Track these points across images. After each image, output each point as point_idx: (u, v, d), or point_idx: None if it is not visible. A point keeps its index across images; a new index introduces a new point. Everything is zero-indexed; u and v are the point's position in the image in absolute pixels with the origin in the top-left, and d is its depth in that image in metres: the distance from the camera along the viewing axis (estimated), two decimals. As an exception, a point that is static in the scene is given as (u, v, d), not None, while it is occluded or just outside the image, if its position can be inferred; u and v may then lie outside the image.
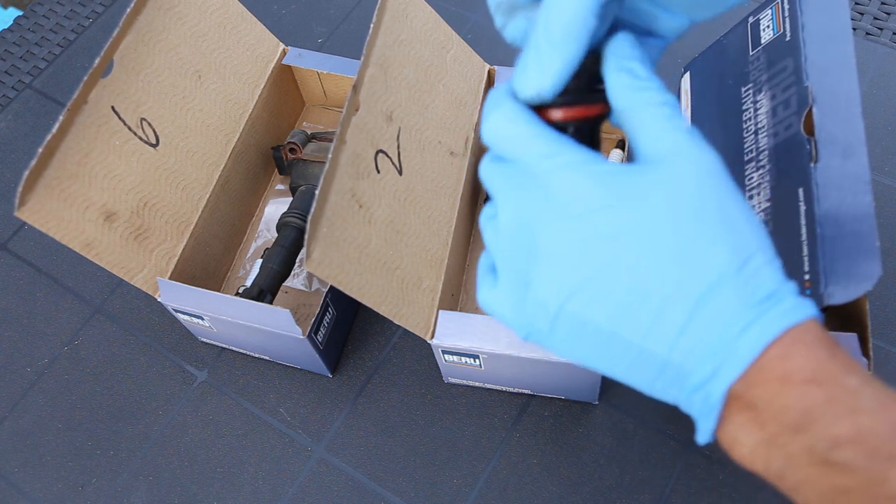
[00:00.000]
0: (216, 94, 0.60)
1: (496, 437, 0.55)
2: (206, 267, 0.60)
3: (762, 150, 0.49)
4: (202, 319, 0.55)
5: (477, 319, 0.50)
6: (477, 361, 0.52)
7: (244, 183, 0.64)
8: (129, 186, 0.53)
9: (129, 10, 0.53)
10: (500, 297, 0.31)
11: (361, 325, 0.61)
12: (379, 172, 0.50)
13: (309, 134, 0.66)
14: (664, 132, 0.28)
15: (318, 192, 0.44)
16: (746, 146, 0.50)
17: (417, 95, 0.55)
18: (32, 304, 0.65)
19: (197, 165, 0.58)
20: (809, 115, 0.46)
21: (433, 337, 0.50)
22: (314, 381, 0.59)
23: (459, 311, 0.57)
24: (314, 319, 0.53)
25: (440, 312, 0.51)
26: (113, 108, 0.53)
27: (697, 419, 0.28)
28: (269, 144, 0.67)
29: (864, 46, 0.71)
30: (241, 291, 0.57)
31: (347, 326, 0.61)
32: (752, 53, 0.53)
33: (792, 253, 0.43)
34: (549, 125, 0.29)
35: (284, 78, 0.67)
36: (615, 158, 0.62)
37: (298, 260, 0.61)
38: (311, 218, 0.43)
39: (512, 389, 0.56)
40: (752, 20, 0.55)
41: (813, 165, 0.44)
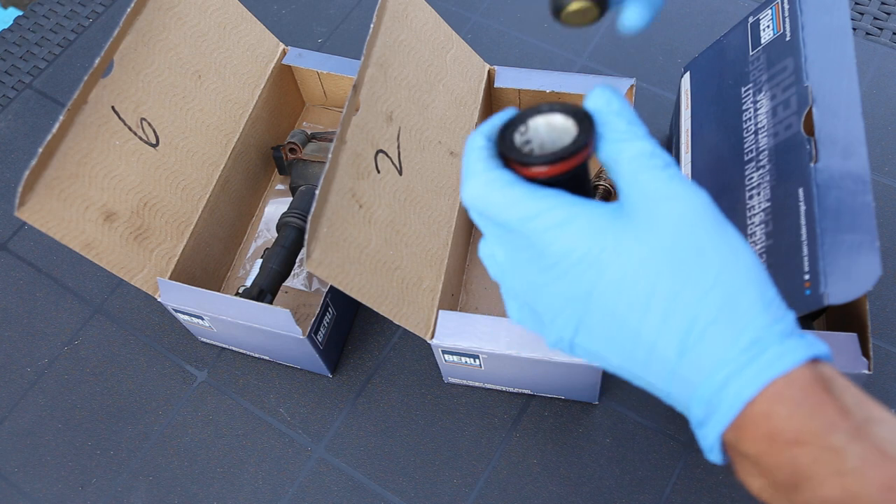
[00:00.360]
0: (216, 94, 0.60)
1: (496, 437, 0.55)
2: (206, 267, 0.60)
3: (762, 150, 0.49)
4: (202, 319, 0.55)
5: (477, 319, 0.50)
6: (477, 361, 0.52)
7: (244, 183, 0.64)
8: (129, 186, 0.53)
9: (129, 10, 0.53)
10: (522, 317, 0.34)
11: (361, 325, 0.61)
12: (379, 172, 0.50)
13: (309, 134, 0.66)
14: (641, 182, 0.29)
15: (318, 192, 0.44)
16: (746, 146, 0.50)
17: (417, 95, 0.55)
18: (32, 304, 0.65)
19: (197, 165, 0.58)
20: (809, 115, 0.46)
21: (433, 337, 0.50)
22: (314, 381, 0.59)
23: (459, 311, 0.57)
24: (314, 319, 0.53)
25: (440, 312, 0.51)
26: (113, 108, 0.53)
27: (703, 451, 0.29)
28: (269, 144, 0.67)
29: (864, 46, 0.71)
30: (241, 291, 0.57)
31: (347, 326, 0.61)
32: (752, 53, 0.53)
33: (792, 253, 0.43)
34: (529, 183, 0.30)
35: (284, 78, 0.67)
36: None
37: (298, 260, 0.61)
38: (311, 218, 0.43)
39: (512, 389, 0.56)
40: (752, 20, 0.55)
41: (813, 165, 0.44)
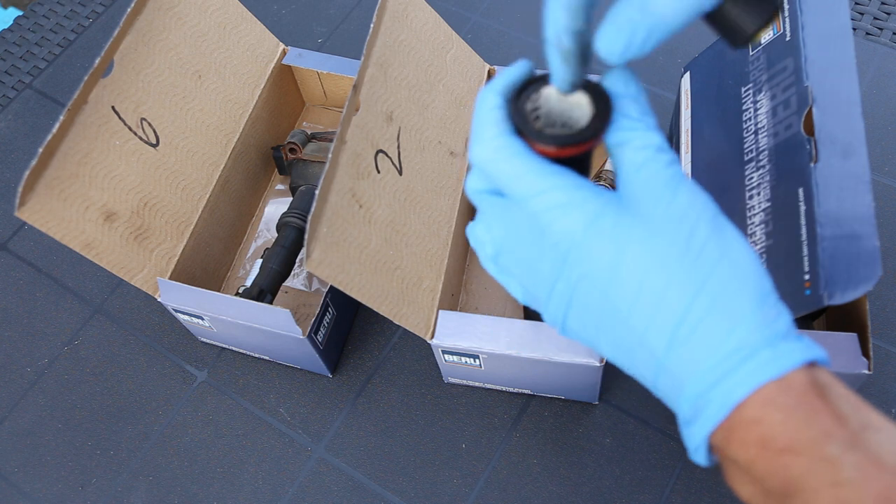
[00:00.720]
0: (216, 94, 0.60)
1: (496, 437, 0.55)
2: (206, 267, 0.60)
3: (762, 150, 0.49)
4: (202, 319, 0.55)
5: (477, 319, 0.50)
6: (477, 361, 0.52)
7: (244, 183, 0.64)
8: (129, 186, 0.53)
9: (129, 10, 0.53)
10: (513, 288, 0.34)
11: (361, 325, 0.61)
12: (379, 172, 0.50)
13: (309, 134, 0.66)
14: (645, 175, 0.28)
15: (318, 192, 0.44)
16: (746, 146, 0.50)
17: (417, 95, 0.55)
18: (32, 304, 0.65)
19: (197, 165, 0.58)
20: (809, 115, 0.46)
21: (433, 337, 0.50)
22: (314, 381, 0.59)
23: (459, 311, 0.57)
24: (314, 319, 0.53)
25: (440, 312, 0.51)
26: (113, 108, 0.53)
27: (689, 451, 0.29)
28: (269, 144, 0.67)
29: (864, 46, 0.71)
30: (241, 291, 0.57)
31: (347, 326, 0.61)
32: (752, 53, 0.53)
33: (792, 253, 0.43)
34: (536, 155, 0.29)
35: (284, 78, 0.67)
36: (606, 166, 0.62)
37: (298, 260, 0.61)
38: (311, 218, 0.43)
39: (512, 389, 0.56)
40: (752, 20, 0.55)
41: (813, 165, 0.44)
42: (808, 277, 0.41)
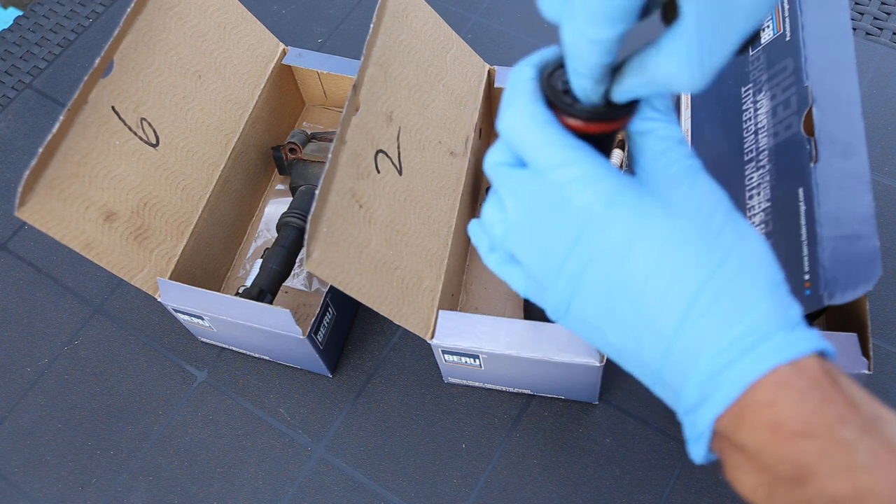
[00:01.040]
0: (216, 94, 0.60)
1: (496, 437, 0.55)
2: (206, 267, 0.60)
3: (762, 150, 0.49)
4: (202, 319, 0.55)
5: (477, 319, 0.50)
6: (477, 361, 0.52)
7: (244, 183, 0.64)
8: (129, 186, 0.53)
9: (129, 10, 0.53)
10: (514, 279, 0.33)
11: (361, 325, 0.61)
12: (379, 172, 0.50)
13: (309, 134, 0.66)
14: (666, 161, 0.29)
15: (318, 192, 0.44)
16: (746, 146, 0.50)
17: (417, 95, 0.55)
18: (32, 304, 0.65)
19: (197, 165, 0.58)
20: (809, 115, 0.46)
21: (433, 337, 0.50)
22: (314, 381, 0.59)
23: (459, 311, 0.57)
24: (314, 319, 0.53)
25: (440, 312, 0.51)
26: (113, 108, 0.53)
27: (688, 443, 0.28)
28: (269, 144, 0.67)
29: (864, 46, 0.71)
30: (241, 291, 0.57)
31: (347, 326, 0.61)
32: (752, 53, 0.53)
33: (792, 253, 0.43)
34: (565, 129, 0.30)
35: (284, 78, 0.67)
36: (615, 159, 0.62)
37: (298, 260, 0.61)
38: (311, 218, 0.43)
39: (512, 389, 0.56)
40: (752, 20, 0.55)
41: (813, 165, 0.44)
42: (808, 277, 0.41)
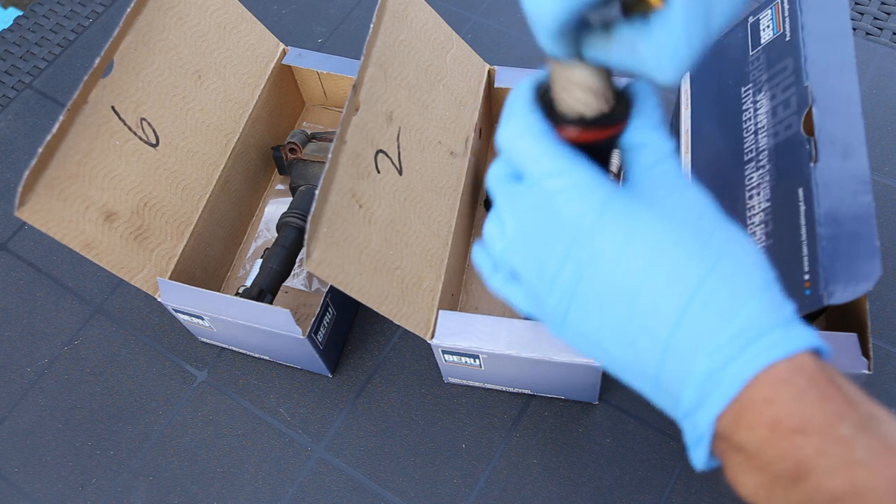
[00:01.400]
0: (216, 94, 0.60)
1: (496, 437, 0.55)
2: (206, 267, 0.60)
3: (762, 150, 0.49)
4: (202, 319, 0.55)
5: (477, 319, 0.50)
6: (477, 361, 0.52)
7: (244, 183, 0.64)
8: (129, 186, 0.53)
9: (129, 10, 0.53)
10: (516, 297, 0.34)
11: (361, 325, 0.61)
12: (379, 172, 0.50)
13: (309, 134, 0.66)
14: (658, 172, 0.30)
15: (318, 192, 0.44)
16: (746, 146, 0.50)
17: (417, 95, 0.55)
18: (32, 304, 0.65)
19: (197, 165, 0.58)
20: (809, 115, 0.46)
21: (433, 337, 0.50)
22: (314, 381, 0.59)
23: (459, 311, 0.57)
24: (314, 319, 0.53)
25: (440, 312, 0.51)
26: (113, 108, 0.53)
27: (689, 448, 0.28)
28: (269, 144, 0.67)
29: (864, 46, 0.71)
30: (241, 291, 0.57)
31: (347, 326, 0.61)
32: (752, 53, 0.53)
33: (792, 253, 0.43)
34: (561, 141, 0.30)
35: (284, 78, 0.67)
36: (615, 168, 0.62)
37: (298, 260, 0.61)
38: (311, 218, 0.43)
39: (512, 389, 0.56)
40: (752, 20, 0.55)
41: (813, 165, 0.44)
42: (808, 277, 0.41)
